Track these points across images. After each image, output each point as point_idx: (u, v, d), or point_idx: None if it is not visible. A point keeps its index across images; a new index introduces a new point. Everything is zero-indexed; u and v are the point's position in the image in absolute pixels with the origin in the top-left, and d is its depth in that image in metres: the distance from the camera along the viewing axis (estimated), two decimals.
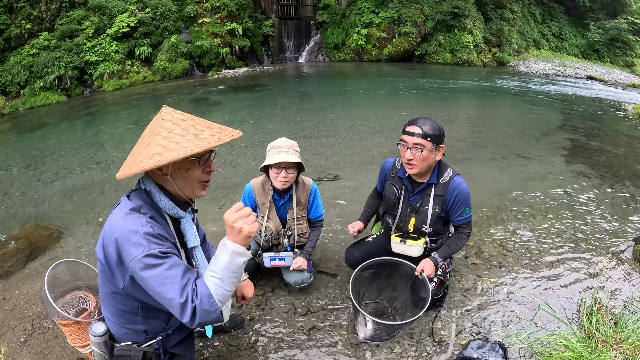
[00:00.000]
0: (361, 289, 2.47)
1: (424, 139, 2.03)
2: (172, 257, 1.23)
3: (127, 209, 1.27)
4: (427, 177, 2.21)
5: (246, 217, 1.23)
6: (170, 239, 1.31)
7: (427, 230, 2.28)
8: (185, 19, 14.08)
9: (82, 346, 1.64)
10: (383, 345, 2.21)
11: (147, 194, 1.34)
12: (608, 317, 2.12)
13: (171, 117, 1.27)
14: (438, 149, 2.10)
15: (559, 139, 6.43)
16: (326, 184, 4.53)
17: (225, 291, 1.22)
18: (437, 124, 2.10)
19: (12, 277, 3.07)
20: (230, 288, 1.23)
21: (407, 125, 2.12)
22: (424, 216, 2.25)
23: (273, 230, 2.47)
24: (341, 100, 9.47)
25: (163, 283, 1.18)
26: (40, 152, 6.37)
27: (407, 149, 2.07)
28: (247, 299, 1.95)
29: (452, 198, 2.19)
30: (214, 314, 1.20)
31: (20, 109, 10.67)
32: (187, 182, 1.33)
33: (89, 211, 4.14)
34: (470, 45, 16.37)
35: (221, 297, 1.21)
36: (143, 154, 1.20)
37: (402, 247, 2.30)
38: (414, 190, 2.27)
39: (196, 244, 1.46)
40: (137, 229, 1.21)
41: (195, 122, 1.28)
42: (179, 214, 1.39)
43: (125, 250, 1.20)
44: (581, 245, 3.26)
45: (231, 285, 1.23)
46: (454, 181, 2.19)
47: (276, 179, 2.30)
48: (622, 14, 22.03)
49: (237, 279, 1.24)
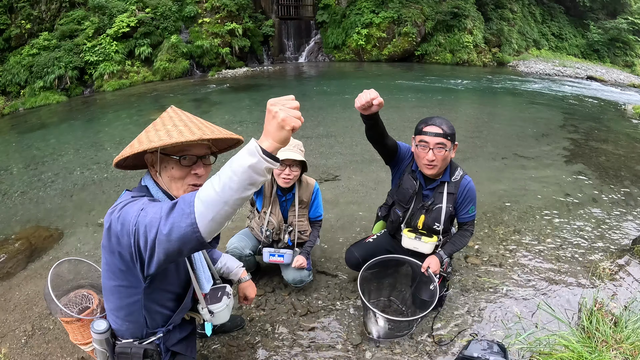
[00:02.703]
0: (367, 289, 2.48)
1: (445, 138, 2.02)
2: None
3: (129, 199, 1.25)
4: (440, 174, 2.22)
5: (289, 102, 0.98)
6: None
7: (440, 228, 2.28)
8: (185, 19, 14.07)
9: (84, 344, 1.64)
10: (383, 345, 2.22)
11: (147, 189, 1.36)
12: (608, 317, 2.12)
13: (164, 115, 1.34)
14: (454, 147, 2.12)
15: (559, 139, 6.43)
16: (326, 184, 4.53)
17: (213, 191, 0.96)
18: (449, 122, 2.11)
19: (12, 278, 3.07)
20: (220, 189, 0.96)
21: (424, 125, 2.08)
22: (437, 214, 2.24)
23: (275, 225, 2.48)
24: (341, 100, 9.47)
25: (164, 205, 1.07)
26: (40, 152, 6.37)
27: (428, 150, 2.04)
28: (250, 300, 1.96)
29: (463, 195, 2.22)
30: (187, 216, 0.98)
31: (20, 109, 10.67)
32: (172, 182, 1.33)
33: (89, 211, 4.14)
34: (470, 45, 16.36)
35: (205, 197, 0.97)
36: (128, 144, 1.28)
37: (415, 243, 2.28)
38: (426, 186, 2.26)
39: None
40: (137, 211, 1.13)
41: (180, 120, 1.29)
42: None
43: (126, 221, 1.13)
44: (581, 245, 3.26)
45: (222, 186, 0.96)
46: (465, 179, 2.22)
47: (280, 176, 2.31)
48: (622, 14, 22.01)
49: (234, 183, 0.95)
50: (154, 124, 1.32)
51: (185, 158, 1.29)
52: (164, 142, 1.18)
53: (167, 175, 1.32)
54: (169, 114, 1.34)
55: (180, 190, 1.33)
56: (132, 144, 1.27)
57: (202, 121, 1.33)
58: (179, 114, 1.34)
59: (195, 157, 1.31)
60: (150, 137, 1.24)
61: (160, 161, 1.30)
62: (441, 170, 2.15)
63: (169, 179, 1.32)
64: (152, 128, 1.29)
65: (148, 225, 1.07)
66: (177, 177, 1.31)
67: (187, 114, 1.35)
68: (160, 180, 1.35)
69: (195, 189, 1.29)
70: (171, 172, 1.31)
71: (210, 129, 1.29)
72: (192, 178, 1.33)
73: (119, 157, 1.27)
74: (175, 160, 1.29)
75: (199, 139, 1.20)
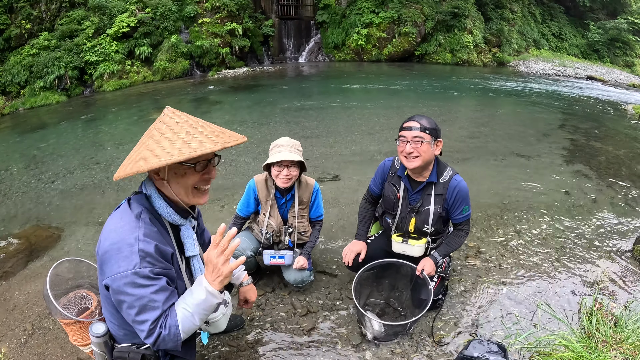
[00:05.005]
0: (365, 290, 2.48)
1: (422, 131, 2.07)
2: (161, 279, 1.24)
3: (126, 216, 1.26)
4: (426, 175, 2.21)
5: (226, 253, 1.24)
6: (168, 248, 1.31)
7: (429, 230, 2.28)
8: (185, 19, 14.07)
9: (83, 345, 1.64)
10: (383, 345, 2.22)
11: (148, 198, 1.33)
12: (608, 317, 2.12)
13: (168, 120, 1.26)
14: (436, 143, 2.13)
15: (559, 139, 6.43)
16: (326, 184, 4.53)
17: (193, 325, 1.27)
18: (433, 120, 2.14)
19: (12, 278, 3.07)
20: (200, 322, 1.29)
21: (404, 122, 2.16)
22: (426, 216, 2.25)
23: (274, 228, 2.48)
24: (341, 100, 9.47)
25: (145, 305, 1.21)
26: (40, 152, 6.36)
27: (406, 143, 2.09)
28: (250, 303, 1.95)
29: (453, 197, 2.20)
30: (174, 343, 1.25)
31: (20, 109, 10.66)
32: (183, 188, 1.31)
33: (89, 211, 4.14)
34: (470, 45, 16.36)
35: (187, 329, 1.26)
36: (132, 157, 1.21)
37: (403, 246, 2.30)
38: (413, 190, 2.27)
39: (194, 254, 1.45)
40: (133, 242, 1.20)
41: (190, 127, 1.24)
42: (178, 222, 1.38)
43: (114, 261, 1.20)
44: (581, 245, 3.26)
45: (200, 321, 1.29)
46: (454, 180, 2.20)
47: (278, 177, 2.31)
48: (622, 14, 22.01)
49: (207, 315, 1.31)
50: (159, 130, 1.24)
51: (200, 164, 1.29)
52: (191, 155, 1.16)
53: (177, 182, 1.29)
54: (173, 118, 1.27)
55: (189, 195, 1.33)
56: (145, 158, 1.17)
57: (208, 124, 1.31)
58: (184, 118, 1.28)
59: (206, 162, 1.31)
60: (166, 148, 1.18)
61: (170, 168, 1.27)
62: (423, 164, 2.12)
63: (179, 186, 1.30)
64: (163, 138, 1.21)
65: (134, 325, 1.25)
66: (190, 184, 1.30)
67: (188, 116, 1.31)
68: (166, 188, 1.31)
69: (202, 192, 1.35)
70: (184, 179, 1.29)
71: (224, 133, 1.28)
72: (201, 182, 1.33)
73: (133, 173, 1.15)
74: (189, 167, 1.27)
75: (222, 147, 1.21)
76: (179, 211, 1.37)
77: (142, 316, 1.21)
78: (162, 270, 1.25)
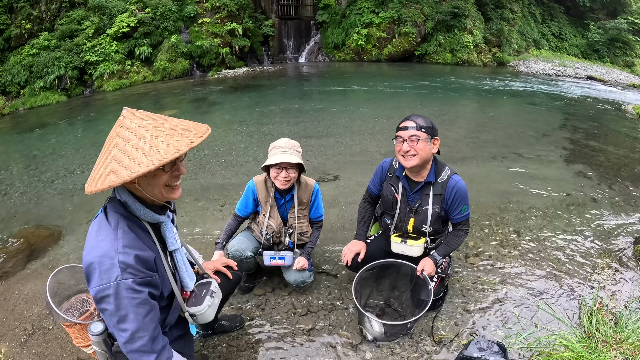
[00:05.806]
0: (365, 290, 2.48)
1: (418, 130, 2.09)
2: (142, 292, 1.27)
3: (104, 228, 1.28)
4: (424, 175, 2.21)
5: None
6: (150, 253, 1.32)
7: (427, 230, 2.28)
8: (185, 19, 14.07)
9: (85, 346, 1.69)
10: (383, 345, 2.22)
11: (123, 204, 1.33)
12: (608, 317, 2.13)
13: (129, 124, 1.24)
14: (433, 142, 2.13)
15: (559, 139, 6.43)
16: (326, 184, 4.53)
17: None
18: (429, 119, 2.16)
19: (12, 278, 3.07)
20: None
21: (401, 122, 2.18)
22: (424, 216, 2.25)
23: (274, 228, 2.48)
24: (341, 100, 9.47)
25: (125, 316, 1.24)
26: (40, 152, 6.37)
27: (403, 142, 2.11)
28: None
29: (452, 196, 2.20)
30: None
31: (20, 109, 10.66)
32: (155, 188, 1.33)
33: (89, 211, 4.14)
34: (470, 45, 16.36)
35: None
36: (100, 171, 1.19)
37: (402, 247, 2.30)
38: (412, 190, 2.27)
39: (177, 247, 1.48)
40: (113, 255, 1.23)
41: (154, 129, 1.23)
42: (158, 219, 1.40)
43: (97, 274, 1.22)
44: (581, 245, 3.26)
45: None
46: (452, 179, 2.21)
47: (276, 179, 2.31)
48: (622, 14, 22.02)
49: None
50: (123, 138, 1.21)
51: (168, 164, 1.29)
52: (161, 162, 1.16)
53: (148, 184, 1.31)
54: (134, 122, 1.24)
55: (163, 194, 1.35)
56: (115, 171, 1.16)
57: (171, 120, 1.30)
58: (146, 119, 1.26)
59: (174, 160, 1.32)
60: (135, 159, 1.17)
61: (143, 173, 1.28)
62: (421, 163, 2.13)
63: (152, 187, 1.32)
64: (129, 146, 1.19)
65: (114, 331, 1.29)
66: (161, 183, 1.32)
67: (150, 115, 1.29)
68: (139, 191, 1.32)
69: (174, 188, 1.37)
70: (154, 180, 1.30)
71: (188, 129, 1.28)
72: (172, 179, 1.34)
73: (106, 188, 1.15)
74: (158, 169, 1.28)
75: (190, 148, 1.21)
76: (155, 210, 1.39)
77: (123, 325, 1.25)
78: (144, 280, 1.28)
